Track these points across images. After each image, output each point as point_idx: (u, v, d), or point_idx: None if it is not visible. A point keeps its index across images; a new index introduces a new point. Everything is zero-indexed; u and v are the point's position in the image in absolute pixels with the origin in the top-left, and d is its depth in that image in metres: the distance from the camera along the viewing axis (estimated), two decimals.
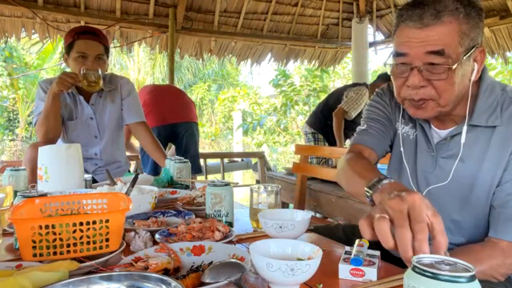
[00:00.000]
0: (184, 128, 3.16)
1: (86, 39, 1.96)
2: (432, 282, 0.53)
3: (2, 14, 3.50)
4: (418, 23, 0.92)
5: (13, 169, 1.52)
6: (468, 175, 1.02)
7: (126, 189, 1.24)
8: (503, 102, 0.99)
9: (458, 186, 1.04)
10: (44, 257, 0.81)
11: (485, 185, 1.00)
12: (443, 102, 0.96)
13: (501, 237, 0.95)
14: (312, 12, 4.66)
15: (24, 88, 10.34)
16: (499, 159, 0.98)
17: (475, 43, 0.94)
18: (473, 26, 0.93)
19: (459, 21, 0.91)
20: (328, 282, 0.81)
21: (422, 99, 0.97)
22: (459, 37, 0.91)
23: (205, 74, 14.35)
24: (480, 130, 1.01)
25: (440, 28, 0.90)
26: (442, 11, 0.90)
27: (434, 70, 0.92)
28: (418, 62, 0.93)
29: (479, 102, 1.00)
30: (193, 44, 4.33)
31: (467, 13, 0.92)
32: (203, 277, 0.73)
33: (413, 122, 1.14)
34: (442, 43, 0.90)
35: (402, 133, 1.17)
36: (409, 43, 0.93)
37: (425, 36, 0.91)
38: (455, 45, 0.91)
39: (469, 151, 1.02)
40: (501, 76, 7.53)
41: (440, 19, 0.90)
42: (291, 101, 8.61)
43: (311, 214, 1.38)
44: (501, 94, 1.01)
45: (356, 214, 2.28)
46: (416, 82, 0.94)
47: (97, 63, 1.96)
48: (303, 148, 2.97)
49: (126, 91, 2.15)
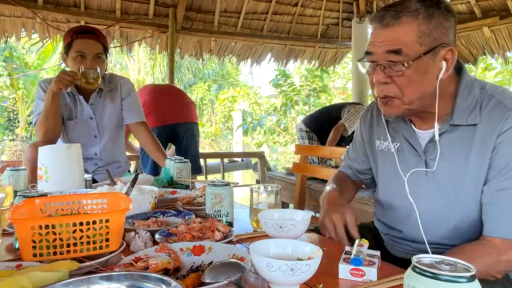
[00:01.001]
0: (184, 129, 3.16)
1: (84, 39, 1.96)
2: (432, 282, 0.53)
3: (2, 14, 3.49)
4: (380, 24, 0.98)
5: (13, 169, 1.52)
6: (455, 174, 1.04)
7: (126, 189, 1.24)
8: (482, 100, 1.01)
9: (447, 186, 1.06)
10: (44, 257, 0.81)
11: (472, 184, 1.01)
12: (407, 99, 1.00)
13: (493, 235, 0.97)
14: (312, 12, 4.65)
15: (24, 88, 10.33)
16: (482, 156, 0.99)
17: (439, 42, 0.97)
18: (436, 26, 0.96)
19: (418, 21, 0.95)
20: (328, 282, 0.81)
21: (387, 96, 1.02)
22: (417, 36, 0.95)
23: (205, 74, 14.35)
24: (462, 128, 1.03)
25: (398, 29, 0.96)
26: (401, 12, 0.96)
27: (394, 67, 0.97)
28: (380, 60, 0.99)
29: (458, 101, 1.03)
30: (193, 44, 4.33)
31: (429, 13, 0.96)
32: (203, 277, 0.73)
33: (395, 135, 1.18)
34: (399, 43, 0.95)
35: (382, 149, 1.22)
36: (374, 42, 1.00)
37: (386, 36, 0.98)
38: (413, 44, 0.95)
39: (453, 150, 1.04)
40: (501, 76, 7.53)
41: (398, 20, 0.96)
42: (291, 101, 8.61)
43: (311, 214, 1.39)
44: (480, 92, 1.02)
45: (356, 214, 2.26)
46: (379, 78, 1.00)
47: (95, 62, 1.95)
48: (303, 148, 2.97)
49: (126, 91, 2.14)
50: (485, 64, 7.48)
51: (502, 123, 0.97)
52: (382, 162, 1.23)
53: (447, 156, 1.05)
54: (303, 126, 3.76)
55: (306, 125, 3.74)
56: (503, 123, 0.96)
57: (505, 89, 1.06)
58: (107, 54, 2.07)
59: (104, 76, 2.10)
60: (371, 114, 1.28)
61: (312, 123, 3.73)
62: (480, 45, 4.11)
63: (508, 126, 0.96)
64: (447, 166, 1.05)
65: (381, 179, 1.25)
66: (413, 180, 1.11)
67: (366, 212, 2.19)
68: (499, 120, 0.97)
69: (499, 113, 0.97)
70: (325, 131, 3.54)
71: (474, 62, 4.38)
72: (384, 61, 0.98)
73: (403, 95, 0.99)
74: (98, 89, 2.06)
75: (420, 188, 1.10)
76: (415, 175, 1.11)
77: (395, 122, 1.17)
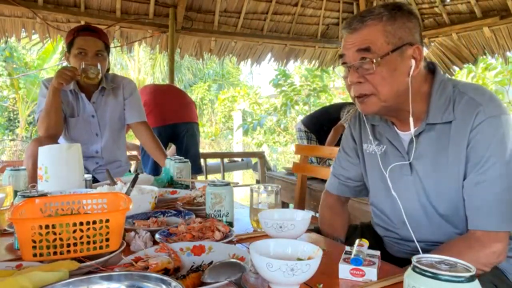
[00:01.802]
0: (185, 129, 3.16)
1: (85, 36, 1.99)
2: (432, 282, 0.53)
3: (2, 14, 3.49)
4: (349, 29, 1.06)
5: (13, 169, 1.52)
6: (436, 172, 1.06)
7: (126, 189, 1.24)
8: (455, 98, 1.05)
9: (431, 184, 1.08)
10: (44, 257, 0.81)
11: (454, 180, 1.04)
12: (382, 96, 1.04)
13: (475, 228, 0.99)
14: (312, 12, 4.65)
15: (24, 88, 10.33)
16: (459, 152, 1.02)
17: (405, 41, 1.03)
18: (400, 26, 1.03)
19: (382, 23, 1.03)
20: (328, 282, 0.81)
21: (362, 94, 1.06)
22: (383, 35, 1.02)
23: (205, 74, 14.34)
24: (438, 127, 1.06)
25: (365, 30, 1.04)
26: (366, 17, 1.04)
27: (364, 66, 1.03)
28: (353, 61, 1.05)
29: (432, 100, 1.07)
30: (193, 44, 4.32)
31: (392, 15, 1.03)
32: (203, 277, 0.73)
33: (380, 139, 1.21)
34: (368, 42, 1.03)
35: (369, 152, 1.24)
36: (345, 46, 1.08)
37: (354, 38, 1.05)
38: (380, 42, 1.02)
39: (432, 149, 1.07)
40: (501, 76, 7.52)
41: (364, 23, 1.04)
42: (291, 101, 8.60)
43: (311, 214, 1.38)
44: (453, 91, 1.06)
45: (356, 214, 2.28)
46: (353, 78, 1.05)
47: (96, 59, 1.98)
48: (303, 148, 2.97)
49: (128, 91, 2.16)
50: (485, 64, 7.47)
51: (473, 118, 1.00)
52: (369, 166, 1.25)
53: (428, 155, 1.08)
54: (302, 126, 3.76)
55: (305, 125, 3.74)
56: (475, 118, 1.00)
57: (477, 86, 1.09)
58: (108, 52, 2.08)
59: (107, 75, 2.12)
60: (358, 119, 1.31)
61: (311, 123, 3.73)
62: (480, 45, 4.10)
63: (479, 120, 1.00)
64: (429, 165, 1.07)
65: (371, 183, 1.27)
66: (399, 180, 1.13)
67: (366, 212, 2.19)
68: (471, 116, 1.01)
69: (471, 109, 1.01)
70: (324, 131, 3.54)
71: (474, 62, 4.38)
72: (356, 62, 1.04)
73: (378, 92, 1.04)
74: (101, 87, 2.07)
75: (406, 187, 1.12)
76: (401, 175, 1.13)
77: (380, 126, 1.20)
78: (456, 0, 3.98)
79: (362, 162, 1.29)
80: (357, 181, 1.33)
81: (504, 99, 6.97)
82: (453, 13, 4.14)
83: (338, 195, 1.38)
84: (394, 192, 1.12)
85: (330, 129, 3.48)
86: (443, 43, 4.32)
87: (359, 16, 1.06)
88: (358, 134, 1.30)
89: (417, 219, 1.11)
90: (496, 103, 1.02)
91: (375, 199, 1.27)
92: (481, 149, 0.99)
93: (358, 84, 1.05)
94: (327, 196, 1.42)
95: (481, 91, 1.05)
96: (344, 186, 1.36)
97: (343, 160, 1.36)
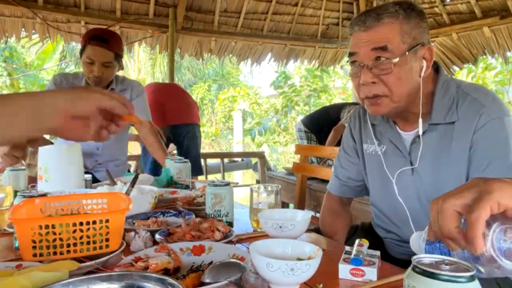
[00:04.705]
0: (186, 130, 3.15)
1: (94, 45, 2.01)
2: (432, 282, 0.53)
3: (2, 14, 3.49)
4: (363, 26, 1.02)
5: (13, 169, 1.52)
6: (439, 173, 1.06)
7: (126, 189, 1.24)
8: (458, 98, 1.04)
9: (433, 185, 1.07)
10: (44, 257, 0.81)
11: (456, 181, 1.02)
12: (395, 97, 1.02)
13: None
14: (312, 12, 4.65)
15: (24, 88, 10.34)
16: (462, 153, 1.02)
17: (419, 41, 1.01)
18: (414, 26, 1.01)
19: (399, 21, 1.00)
20: (328, 282, 0.81)
21: (376, 95, 1.03)
22: (400, 35, 1.00)
23: (205, 74, 14.34)
24: (441, 127, 1.05)
25: (381, 28, 1.00)
26: (382, 14, 1.00)
27: (381, 66, 1.00)
28: (366, 60, 1.02)
29: (436, 100, 1.06)
30: (193, 44, 4.32)
31: (407, 14, 1.01)
32: (203, 277, 0.73)
33: (381, 138, 1.19)
34: (385, 40, 1.00)
35: (369, 152, 1.23)
36: (358, 44, 1.03)
37: (370, 36, 1.01)
38: (397, 42, 0.99)
39: (435, 149, 1.06)
40: (501, 76, 7.53)
41: (380, 20, 1.00)
42: (291, 102, 8.61)
43: (311, 214, 1.38)
44: (456, 91, 1.05)
45: (356, 214, 2.27)
46: (367, 78, 1.02)
47: (103, 69, 2.03)
48: (303, 148, 2.97)
49: (136, 93, 2.21)
50: (485, 64, 7.47)
51: (477, 119, 0.99)
52: (370, 166, 1.25)
53: (430, 155, 1.07)
54: (302, 126, 3.75)
55: (305, 125, 3.74)
56: (478, 120, 0.99)
57: (480, 87, 1.09)
58: (119, 60, 2.11)
59: (117, 77, 2.19)
60: (358, 119, 1.30)
61: (311, 123, 3.72)
62: (480, 45, 4.11)
63: (483, 122, 0.99)
64: (431, 165, 1.07)
65: (371, 183, 1.26)
66: (400, 181, 1.13)
67: (366, 212, 2.19)
68: (474, 117, 1.00)
69: (474, 110, 1.00)
70: (324, 131, 3.53)
71: (474, 62, 4.38)
72: (370, 61, 1.01)
73: (392, 94, 1.02)
74: (110, 89, 2.11)
75: (408, 188, 1.12)
76: (402, 175, 1.12)
77: (381, 126, 1.19)
78: (456, 0, 3.98)
79: (362, 162, 1.29)
80: (357, 180, 1.33)
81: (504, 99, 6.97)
82: (453, 13, 4.14)
83: (339, 196, 1.38)
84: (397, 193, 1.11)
85: (330, 129, 3.48)
86: (443, 43, 4.32)
87: (373, 13, 1.02)
88: (358, 134, 1.29)
89: (417, 220, 1.10)
90: (499, 105, 1.01)
91: (375, 199, 1.26)
92: (484, 150, 0.98)
93: (371, 84, 1.02)
94: (329, 197, 1.42)
95: (484, 91, 1.04)
96: (345, 187, 1.36)
97: (343, 160, 1.35)
